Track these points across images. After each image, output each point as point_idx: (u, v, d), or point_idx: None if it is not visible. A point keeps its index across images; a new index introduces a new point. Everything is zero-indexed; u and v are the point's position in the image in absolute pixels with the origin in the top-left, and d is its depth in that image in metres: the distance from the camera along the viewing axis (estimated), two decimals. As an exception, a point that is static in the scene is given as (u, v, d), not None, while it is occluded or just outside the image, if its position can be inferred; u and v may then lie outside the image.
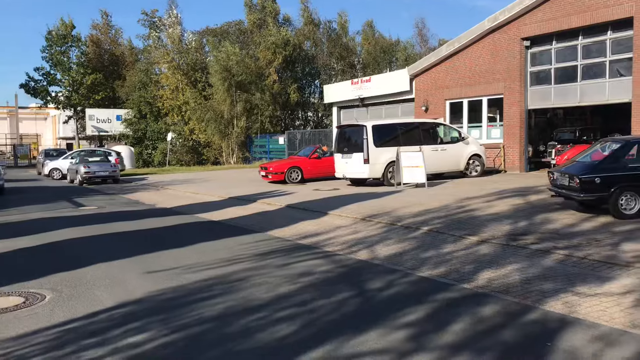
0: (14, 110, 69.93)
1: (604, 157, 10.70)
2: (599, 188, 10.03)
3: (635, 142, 10.80)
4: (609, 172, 10.14)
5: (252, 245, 9.08)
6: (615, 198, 9.95)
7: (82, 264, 7.81)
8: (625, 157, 10.40)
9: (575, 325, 4.89)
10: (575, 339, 4.54)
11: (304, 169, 20.68)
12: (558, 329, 4.80)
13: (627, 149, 10.55)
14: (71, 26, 48.96)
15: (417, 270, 7.11)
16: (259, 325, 5.09)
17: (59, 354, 4.47)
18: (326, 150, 22.11)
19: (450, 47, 23.30)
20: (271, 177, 20.66)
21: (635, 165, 10.23)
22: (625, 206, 9.95)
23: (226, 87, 35.54)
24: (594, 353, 4.25)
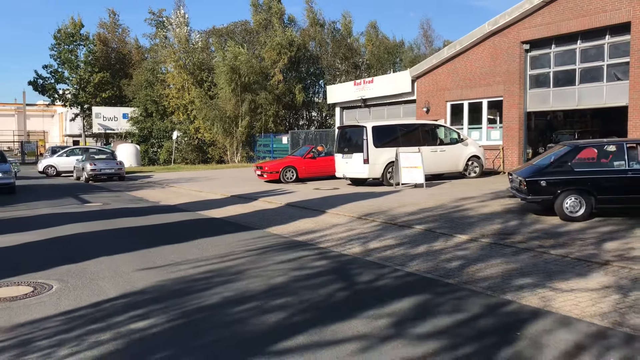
0: (21, 107, 70.78)
1: (551, 161, 11.04)
2: (544, 190, 10.45)
3: (582, 147, 11.18)
4: (554, 176, 10.54)
5: (250, 241, 9.45)
6: (560, 201, 10.31)
7: (86, 257, 8.19)
8: (572, 161, 10.71)
9: (546, 317, 5.22)
10: (543, 329, 4.87)
11: (299, 168, 21.01)
12: (529, 320, 5.14)
13: (574, 154, 10.88)
14: (80, 25, 49.54)
15: (405, 266, 7.45)
16: (252, 313, 5.46)
17: (65, 338, 4.84)
18: (321, 150, 22.44)
19: (451, 50, 23.62)
20: (266, 176, 20.99)
21: (580, 169, 10.59)
22: (571, 209, 10.28)
23: (232, 87, 35.94)
24: (557, 341, 4.58)
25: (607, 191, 10.20)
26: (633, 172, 10.14)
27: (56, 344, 4.69)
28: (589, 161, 11.00)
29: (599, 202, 10.22)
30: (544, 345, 4.53)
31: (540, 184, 10.48)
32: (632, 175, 10.13)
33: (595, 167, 10.78)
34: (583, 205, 10.23)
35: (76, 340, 4.77)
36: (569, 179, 10.41)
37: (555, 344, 4.52)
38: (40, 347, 4.61)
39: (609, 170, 10.59)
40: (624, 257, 7.36)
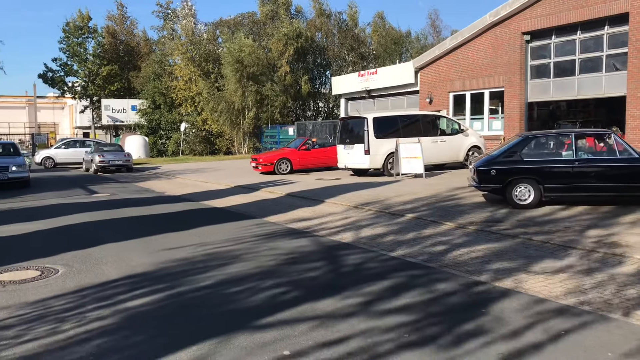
0: (32, 100, 71.68)
1: (502, 151, 11.46)
2: (494, 179, 10.93)
3: (532, 137, 11.60)
4: (504, 165, 10.99)
5: (249, 229, 9.89)
6: (510, 189, 10.77)
7: (91, 244, 8.67)
8: (522, 151, 11.12)
9: (513, 296, 5.61)
10: (508, 307, 5.26)
11: (293, 160, 21.37)
12: (498, 298, 5.54)
13: (524, 144, 11.31)
14: (88, 18, 50.05)
15: (391, 251, 7.85)
16: (242, 293, 5.90)
17: (69, 314, 5.30)
18: (315, 141, 22.81)
19: (453, 41, 23.85)
20: (261, 168, 21.38)
21: (529, 159, 11.01)
22: (520, 197, 10.75)
23: (238, 78, 36.31)
24: (519, 316, 4.97)
25: (555, 180, 10.64)
26: (580, 162, 10.55)
27: (61, 319, 5.16)
28: (538, 151, 11.40)
29: (547, 191, 10.66)
30: (505, 320, 4.92)
31: (490, 173, 10.95)
32: (580, 165, 10.53)
33: (543, 157, 11.24)
34: (532, 193, 10.68)
35: (79, 316, 5.24)
36: (517, 168, 10.87)
37: (516, 320, 4.91)
38: (47, 322, 5.08)
39: (557, 160, 11.05)
40: (603, 244, 7.71)
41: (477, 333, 4.62)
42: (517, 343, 4.39)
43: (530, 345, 4.35)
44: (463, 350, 4.27)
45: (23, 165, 18.77)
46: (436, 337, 4.54)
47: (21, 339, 4.68)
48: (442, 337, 4.54)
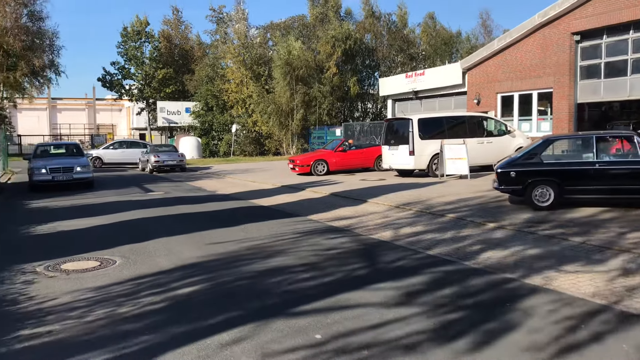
0: (92, 102, 74.77)
1: (522, 154, 11.58)
2: (514, 181, 11.09)
3: (553, 139, 11.70)
4: (523, 167, 11.13)
5: (292, 225, 10.34)
6: (529, 191, 10.87)
7: (146, 238, 9.30)
8: (542, 153, 11.19)
9: (542, 293, 5.81)
10: (534, 303, 5.47)
11: (330, 161, 21.69)
12: (526, 295, 5.74)
13: (545, 146, 11.40)
14: (145, 23, 51.87)
15: (429, 249, 8.11)
16: (281, 283, 6.33)
17: (125, 299, 5.85)
18: (352, 143, 23.10)
19: (501, 42, 23.70)
20: (298, 169, 21.80)
21: (549, 161, 11.11)
22: (540, 198, 10.85)
23: (287, 81, 36.99)
24: (543, 312, 5.18)
25: (574, 182, 10.70)
26: (601, 164, 10.55)
27: (118, 303, 5.71)
28: (559, 153, 11.51)
29: (567, 192, 10.75)
30: (531, 314, 5.14)
31: (510, 175, 11.14)
32: (600, 167, 10.52)
33: (563, 159, 11.36)
34: (551, 195, 10.77)
35: (134, 301, 5.78)
36: (537, 170, 11.00)
37: (542, 314, 5.13)
38: (107, 306, 5.64)
39: (577, 162, 11.11)
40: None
41: (503, 326, 4.86)
42: (541, 336, 4.61)
43: (553, 337, 4.56)
44: (489, 341, 4.52)
45: (87, 166, 19.15)
46: (464, 329, 4.82)
47: (84, 319, 5.25)
48: (470, 329, 4.80)
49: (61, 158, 19.75)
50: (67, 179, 18.19)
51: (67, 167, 18.42)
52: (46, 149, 21.57)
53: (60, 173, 18.09)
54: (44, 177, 17.87)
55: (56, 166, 18.26)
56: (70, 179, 18.24)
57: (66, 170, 18.28)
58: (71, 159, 19.39)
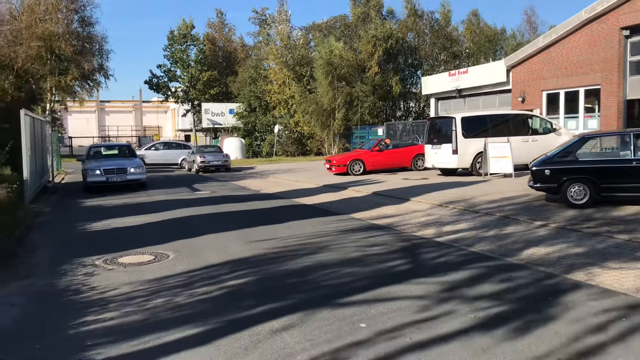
0: (138, 104, 76.96)
1: (557, 152, 11.45)
2: (548, 179, 11.05)
3: (589, 137, 11.52)
4: (558, 165, 11.05)
5: (335, 224, 10.57)
6: (564, 189, 10.82)
7: (196, 234, 9.70)
8: (577, 151, 11.07)
9: (584, 288, 5.86)
10: (576, 297, 5.54)
11: (366, 161, 21.73)
12: (567, 290, 5.81)
13: (580, 144, 11.29)
14: (191, 26, 53.02)
15: (471, 246, 8.21)
16: (325, 277, 6.58)
17: (180, 290, 6.20)
18: (389, 143, 23.07)
19: (547, 38, 23.33)
20: (334, 169, 21.91)
21: (585, 159, 11.01)
22: (576, 197, 10.79)
23: (328, 81, 37.25)
24: (584, 306, 5.25)
25: (610, 180, 10.60)
26: (638, 161, 10.37)
27: (174, 294, 6.06)
28: (595, 151, 11.37)
29: (603, 190, 10.65)
30: (571, 307, 5.22)
31: (544, 173, 11.11)
32: (638, 164, 10.35)
33: (600, 157, 11.23)
34: (587, 192, 10.72)
35: (187, 292, 6.12)
36: (572, 168, 10.94)
37: (581, 307, 5.20)
38: (163, 296, 5.99)
39: (614, 160, 10.99)
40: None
41: (543, 317, 4.97)
42: (581, 327, 4.70)
43: (593, 328, 4.65)
44: (528, 330, 4.65)
45: (140, 167, 19.12)
46: (503, 319, 4.95)
47: (143, 307, 5.62)
48: (510, 319, 4.93)
49: (114, 159, 19.81)
50: (121, 180, 18.29)
51: (120, 168, 18.52)
52: (99, 150, 21.76)
53: (114, 174, 18.22)
54: (98, 178, 18.06)
55: (110, 167, 18.38)
56: (124, 180, 18.33)
57: (120, 172, 18.39)
58: (124, 160, 19.54)
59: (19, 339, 4.91)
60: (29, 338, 4.90)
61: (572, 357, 4.12)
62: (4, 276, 7.11)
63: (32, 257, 8.34)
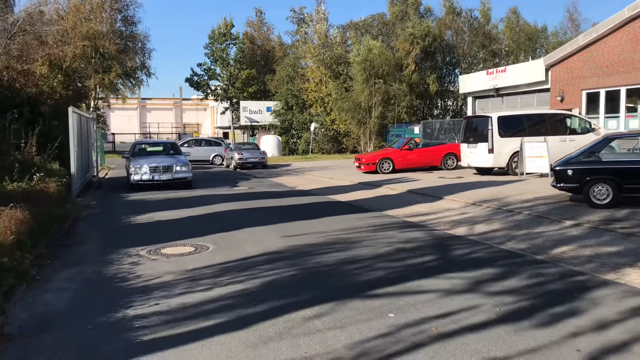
0: (179, 102, 78.53)
1: (581, 152, 11.54)
2: (571, 179, 11.16)
3: (612, 138, 11.54)
4: (581, 165, 11.14)
5: (367, 220, 10.82)
6: (587, 189, 10.90)
7: (234, 228, 10.09)
8: (600, 152, 11.12)
9: (612, 286, 5.96)
10: (603, 294, 5.66)
11: (395, 160, 21.79)
12: (595, 287, 5.92)
13: (604, 144, 11.34)
14: (230, 25, 53.84)
15: (502, 244, 8.34)
16: (357, 270, 6.84)
17: (220, 279, 6.56)
18: (418, 142, 23.08)
19: (587, 37, 22.96)
20: (363, 167, 22.02)
21: (608, 159, 11.06)
22: (598, 197, 10.86)
23: (365, 79, 37.37)
24: (610, 302, 5.37)
25: (634, 180, 10.64)
26: None
27: (214, 283, 6.42)
28: (618, 151, 11.35)
29: (626, 191, 10.71)
30: (599, 304, 5.35)
31: (567, 173, 11.22)
32: None
33: (623, 157, 11.23)
34: (610, 193, 10.78)
35: (227, 281, 6.47)
36: (595, 169, 11.02)
37: (609, 304, 5.32)
38: (204, 283, 6.37)
39: (637, 160, 11.01)
40: None
41: (567, 312, 5.11)
42: (605, 322, 4.83)
43: (618, 323, 4.78)
44: (551, 323, 4.81)
45: (187, 165, 18.42)
46: (528, 313, 5.12)
47: (185, 294, 5.99)
48: (534, 313, 5.09)
49: (160, 157, 19.27)
50: (167, 179, 17.75)
51: (166, 166, 17.91)
52: (143, 147, 20.99)
53: (160, 172, 17.73)
54: (144, 176, 17.62)
55: (156, 165, 17.86)
56: (169, 179, 17.78)
57: (166, 170, 17.82)
58: (170, 158, 18.83)
59: (72, 320, 5.33)
60: (81, 319, 5.31)
61: (592, 350, 4.27)
62: (56, 265, 7.61)
63: (81, 248, 8.85)
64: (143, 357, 4.33)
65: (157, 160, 18.36)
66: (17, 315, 5.47)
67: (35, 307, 5.73)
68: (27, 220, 7.54)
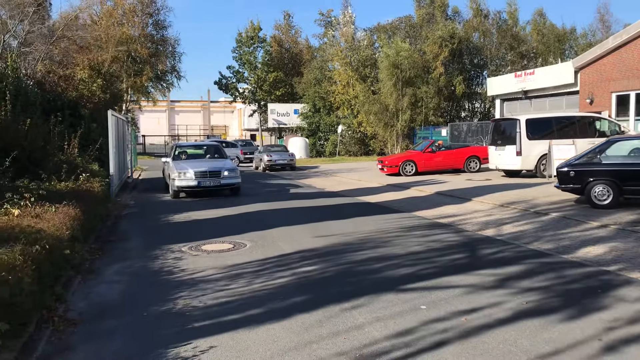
0: (207, 104, 79.72)
1: (583, 154, 11.99)
2: (573, 180, 11.66)
3: (615, 140, 11.92)
4: (583, 167, 11.61)
5: (397, 221, 11.14)
6: (589, 189, 11.38)
7: (269, 227, 10.52)
8: (602, 154, 11.49)
9: (636, 284, 6.19)
10: (627, 291, 5.90)
11: (418, 162, 21.92)
12: (619, 285, 6.16)
13: (606, 147, 11.67)
14: (258, 28, 54.58)
15: (529, 244, 8.59)
16: (388, 267, 7.19)
17: (259, 274, 6.98)
18: (441, 144, 23.16)
19: (617, 39, 22.88)
20: (386, 170, 22.20)
21: (609, 161, 11.41)
22: (599, 197, 11.32)
23: (393, 82, 37.61)
24: (635, 298, 5.62)
25: (633, 182, 11.04)
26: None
27: (254, 277, 6.84)
28: (619, 154, 11.62)
29: (626, 193, 11.16)
30: (623, 300, 5.60)
31: (569, 175, 11.70)
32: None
33: (624, 160, 11.50)
34: (610, 194, 11.21)
35: (266, 275, 6.89)
36: (595, 170, 11.45)
37: (631, 300, 5.57)
38: (244, 278, 6.79)
39: (637, 163, 11.29)
40: None
41: (592, 307, 5.38)
42: (624, 317, 5.10)
43: (636, 318, 5.04)
44: (576, 317, 5.09)
45: (235, 170, 16.63)
46: (553, 307, 5.41)
47: (228, 286, 6.42)
48: (559, 308, 5.37)
49: (205, 160, 17.65)
50: (214, 185, 15.91)
51: (214, 171, 16.00)
52: (184, 150, 19.04)
53: (206, 178, 15.79)
54: (189, 182, 15.66)
55: (203, 170, 15.89)
56: (217, 185, 15.95)
57: (213, 175, 15.91)
58: (216, 162, 17.20)
59: (127, 308, 5.79)
60: (135, 308, 5.78)
61: (613, 341, 4.55)
62: (105, 259, 8.13)
63: (126, 244, 9.38)
64: (197, 341, 4.75)
65: (203, 165, 16.41)
66: (76, 303, 5.96)
67: (92, 297, 6.22)
68: (79, 217, 8.06)
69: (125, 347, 4.70)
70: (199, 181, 15.74)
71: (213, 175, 15.95)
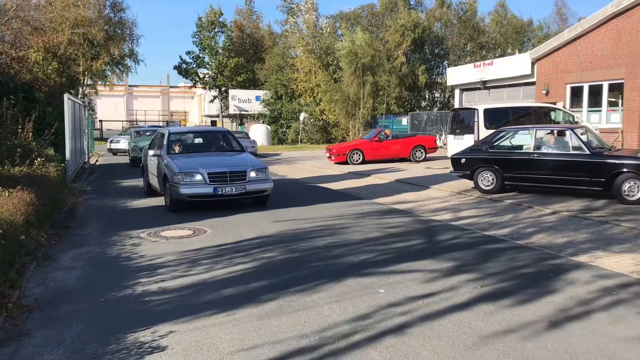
0: (166, 89, 78.31)
1: (476, 143, 13.12)
2: (463, 167, 12.84)
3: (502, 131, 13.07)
4: (472, 154, 12.80)
5: (357, 207, 11.26)
6: (476, 176, 12.53)
7: (229, 213, 10.47)
8: (490, 143, 12.52)
9: (585, 268, 6.45)
10: (576, 275, 6.14)
11: (365, 151, 22.10)
12: (570, 269, 6.40)
13: (493, 137, 12.80)
14: (219, 13, 53.77)
15: (484, 230, 8.82)
16: (348, 253, 7.28)
17: (218, 260, 6.97)
18: (389, 133, 23.47)
19: (572, 32, 23.50)
20: (334, 158, 22.35)
21: (494, 150, 12.45)
22: (486, 183, 12.44)
23: (353, 70, 37.71)
24: (583, 281, 5.86)
25: (514, 170, 12.08)
26: (538, 155, 11.74)
27: (213, 263, 6.83)
28: (504, 143, 12.64)
29: (507, 179, 12.22)
30: (570, 283, 5.83)
31: (460, 162, 12.91)
32: (536, 157, 11.73)
33: (506, 149, 12.52)
34: (495, 180, 12.29)
35: (226, 261, 6.89)
36: (482, 158, 12.53)
37: (580, 283, 5.81)
38: (203, 264, 6.77)
39: (517, 152, 12.28)
40: (689, 231, 8.15)
41: (544, 290, 5.59)
42: (577, 298, 5.31)
43: (588, 299, 5.26)
44: (529, 300, 5.28)
45: (264, 169, 11.31)
46: (507, 290, 5.59)
47: (188, 272, 6.40)
48: (513, 291, 5.56)
49: (216, 155, 12.08)
50: (238, 193, 10.75)
51: (236, 171, 10.85)
52: (180, 138, 12.77)
53: (225, 182, 10.65)
54: (200, 189, 10.55)
55: (219, 170, 10.76)
56: (242, 192, 10.79)
57: (235, 178, 10.77)
58: (234, 158, 11.82)
59: (84, 294, 5.71)
60: (93, 293, 5.70)
61: (562, 320, 4.75)
62: (62, 245, 7.97)
63: (83, 230, 9.21)
64: (156, 326, 4.73)
65: (217, 162, 11.24)
66: (31, 290, 5.84)
67: (48, 283, 6.10)
68: (34, 202, 7.87)
69: (83, 333, 4.64)
70: (216, 188, 10.56)
71: (236, 179, 10.77)
